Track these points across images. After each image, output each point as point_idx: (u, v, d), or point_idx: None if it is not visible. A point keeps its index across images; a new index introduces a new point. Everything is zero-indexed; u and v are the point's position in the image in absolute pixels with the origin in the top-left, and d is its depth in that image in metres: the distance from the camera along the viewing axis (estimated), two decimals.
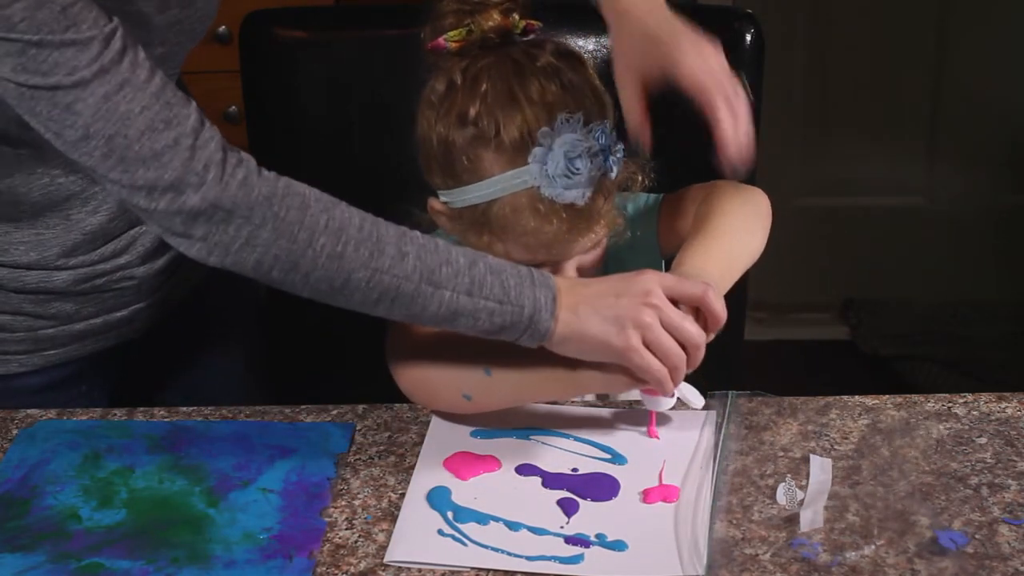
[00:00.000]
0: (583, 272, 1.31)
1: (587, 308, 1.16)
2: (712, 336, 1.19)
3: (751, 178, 1.61)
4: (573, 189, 1.24)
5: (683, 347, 1.17)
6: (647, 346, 1.16)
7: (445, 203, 1.31)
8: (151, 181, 1.09)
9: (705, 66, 1.18)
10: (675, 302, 1.17)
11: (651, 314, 1.15)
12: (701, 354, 1.18)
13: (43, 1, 1.05)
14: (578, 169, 1.23)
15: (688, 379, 1.26)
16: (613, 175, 1.26)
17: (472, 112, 1.26)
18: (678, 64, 1.18)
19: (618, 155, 1.26)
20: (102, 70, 1.07)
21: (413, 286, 1.14)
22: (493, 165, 1.25)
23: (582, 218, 1.26)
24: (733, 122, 1.18)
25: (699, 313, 1.19)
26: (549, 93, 1.25)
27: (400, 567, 1.10)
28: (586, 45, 1.55)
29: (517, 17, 1.29)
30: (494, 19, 1.28)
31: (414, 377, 1.29)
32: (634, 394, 1.28)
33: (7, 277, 1.32)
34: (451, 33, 1.28)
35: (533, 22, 1.30)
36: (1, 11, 1.04)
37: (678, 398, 1.24)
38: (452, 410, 1.30)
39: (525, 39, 1.30)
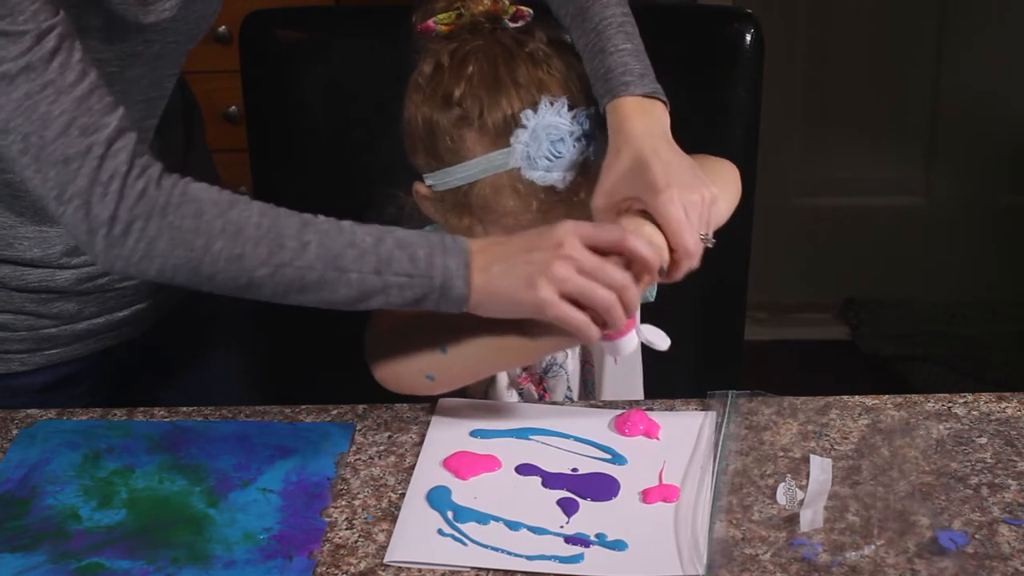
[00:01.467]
0: None
1: (499, 267, 1.16)
2: (647, 281, 1.18)
3: (751, 177, 1.62)
4: (554, 172, 1.25)
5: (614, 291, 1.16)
6: (569, 296, 1.15)
7: (430, 186, 1.31)
8: (61, 185, 1.11)
9: (679, 213, 1.18)
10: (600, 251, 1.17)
11: (564, 266, 1.15)
12: (632, 295, 1.17)
13: None
14: (560, 153, 1.24)
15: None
16: (594, 157, 1.26)
17: (457, 93, 1.27)
18: (656, 197, 1.18)
19: (602, 143, 1.26)
20: (28, 67, 1.08)
21: (317, 274, 1.14)
22: (476, 146, 1.27)
23: (562, 203, 1.27)
24: (684, 263, 1.20)
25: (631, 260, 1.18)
26: (535, 78, 1.26)
27: (400, 567, 1.10)
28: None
29: (507, 2, 1.30)
30: (484, 4, 1.30)
31: (382, 364, 1.30)
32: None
33: (10, 275, 1.32)
34: (441, 16, 1.30)
35: (523, 8, 1.31)
36: None
37: (641, 342, 1.23)
38: (420, 392, 1.30)
39: (515, 25, 1.31)
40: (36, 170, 1.11)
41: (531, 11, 1.32)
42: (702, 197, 1.19)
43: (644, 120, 1.22)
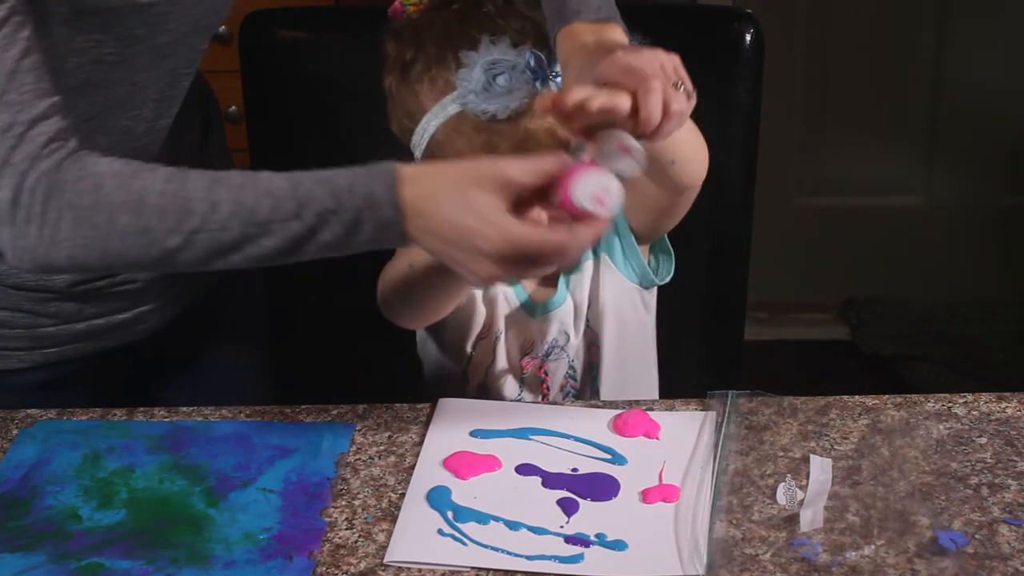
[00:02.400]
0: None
1: (431, 245, 1.09)
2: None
3: (751, 177, 1.62)
4: (493, 102, 1.23)
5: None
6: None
7: (418, 157, 1.32)
8: None
9: (632, 61, 1.09)
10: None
11: (496, 267, 1.06)
12: (576, 250, 1.08)
13: None
14: (500, 84, 1.23)
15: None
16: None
17: (409, 56, 1.29)
18: (607, 57, 1.10)
19: (556, 79, 1.23)
20: None
21: (235, 233, 1.07)
22: (428, 100, 1.28)
23: (509, 137, 1.25)
24: (653, 104, 1.08)
25: None
26: (487, 30, 1.26)
27: (400, 567, 1.10)
28: None
29: None
30: None
31: (380, 296, 1.34)
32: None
33: (5, 272, 1.31)
34: None
35: None
36: None
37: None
38: (406, 323, 1.35)
39: None
40: None
41: None
42: (654, 54, 1.10)
43: (594, 36, 1.15)
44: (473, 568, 1.10)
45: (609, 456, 1.24)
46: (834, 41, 2.91)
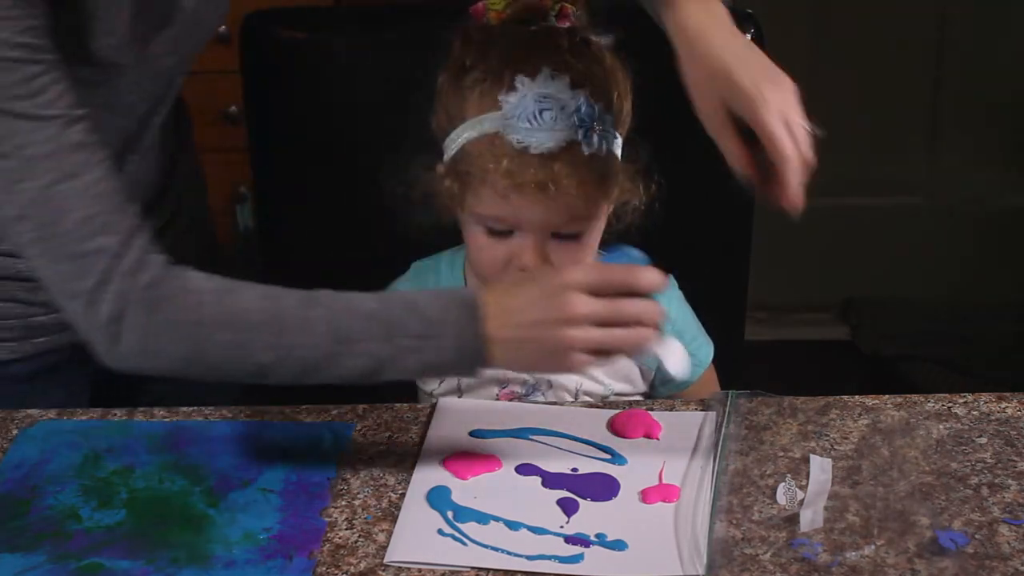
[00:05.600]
0: None
1: (515, 343, 1.11)
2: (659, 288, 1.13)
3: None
4: (532, 136, 1.22)
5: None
6: (593, 351, 1.12)
7: (444, 161, 1.31)
8: (68, 281, 1.10)
9: (783, 118, 1.16)
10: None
11: (580, 331, 1.10)
12: (654, 313, 1.12)
13: (9, 65, 1.05)
14: (544, 120, 1.22)
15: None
16: (587, 149, 1.23)
17: (469, 61, 1.28)
18: (757, 112, 1.14)
19: (602, 135, 1.23)
20: (54, 153, 1.07)
21: (324, 351, 1.11)
22: (471, 110, 1.27)
23: (537, 176, 1.24)
24: (797, 174, 1.16)
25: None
26: (550, 60, 1.25)
27: (400, 567, 1.10)
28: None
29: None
30: None
31: None
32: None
33: (2, 265, 1.32)
34: (493, 1, 1.28)
35: (568, 6, 1.29)
36: None
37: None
38: None
39: (560, 25, 1.29)
40: (47, 262, 1.10)
41: (577, 12, 1.30)
42: (792, 89, 1.19)
43: (701, 31, 1.18)
44: (473, 568, 1.10)
45: (609, 456, 1.24)
46: (834, 41, 2.91)
